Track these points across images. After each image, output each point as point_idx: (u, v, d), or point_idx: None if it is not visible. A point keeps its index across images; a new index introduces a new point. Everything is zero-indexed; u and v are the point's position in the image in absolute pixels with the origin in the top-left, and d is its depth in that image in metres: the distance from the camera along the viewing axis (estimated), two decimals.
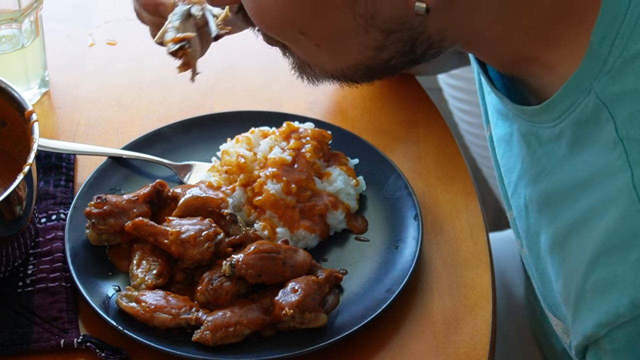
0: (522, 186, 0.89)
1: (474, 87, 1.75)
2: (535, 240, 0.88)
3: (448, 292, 1.05)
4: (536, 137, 0.84)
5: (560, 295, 0.84)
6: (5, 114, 1.07)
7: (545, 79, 0.83)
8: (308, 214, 1.09)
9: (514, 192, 0.92)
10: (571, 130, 0.80)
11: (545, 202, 0.85)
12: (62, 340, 0.98)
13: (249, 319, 0.97)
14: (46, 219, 1.10)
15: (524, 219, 0.90)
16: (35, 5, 1.21)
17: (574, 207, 0.80)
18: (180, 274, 1.03)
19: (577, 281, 0.79)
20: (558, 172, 0.82)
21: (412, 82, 1.31)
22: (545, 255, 0.86)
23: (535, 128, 0.84)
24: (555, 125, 0.81)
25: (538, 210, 0.86)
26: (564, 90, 0.79)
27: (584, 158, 0.79)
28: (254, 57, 1.32)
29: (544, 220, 0.85)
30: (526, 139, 0.86)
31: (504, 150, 0.93)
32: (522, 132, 0.87)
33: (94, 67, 1.34)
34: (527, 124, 0.85)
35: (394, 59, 0.82)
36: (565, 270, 0.82)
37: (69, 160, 1.18)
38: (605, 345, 0.78)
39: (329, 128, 1.17)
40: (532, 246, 0.89)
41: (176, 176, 1.16)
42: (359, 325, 0.98)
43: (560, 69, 0.80)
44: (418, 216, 1.09)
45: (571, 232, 0.80)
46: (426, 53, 0.83)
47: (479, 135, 1.84)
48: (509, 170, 0.92)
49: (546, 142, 0.83)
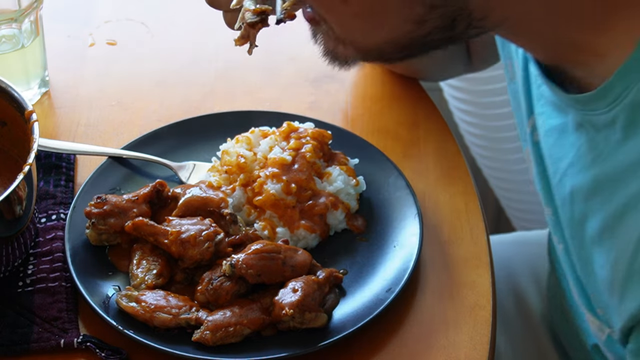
0: (572, 174, 0.88)
1: (474, 87, 1.75)
2: (580, 229, 0.87)
3: (448, 292, 1.05)
4: (592, 125, 0.84)
5: (605, 282, 0.84)
6: (5, 114, 1.07)
7: (595, 67, 0.81)
8: (308, 214, 1.09)
9: (560, 182, 0.91)
10: (625, 114, 0.79)
11: (597, 188, 0.84)
12: (62, 340, 0.98)
13: (249, 319, 0.97)
14: (46, 219, 1.10)
15: (569, 209, 0.89)
16: (35, 5, 1.21)
17: (626, 190, 0.79)
18: (180, 274, 1.03)
19: (627, 262, 0.79)
20: (612, 157, 0.81)
21: (412, 82, 1.31)
22: (591, 243, 0.85)
23: (589, 116, 0.83)
24: (609, 110, 0.80)
25: (586, 197, 0.85)
26: (619, 74, 0.78)
27: (638, 140, 0.78)
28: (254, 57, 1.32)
29: (594, 206, 0.84)
30: (581, 128, 0.85)
31: (554, 140, 0.92)
32: (577, 121, 0.86)
33: (94, 67, 1.34)
34: (581, 113, 0.84)
35: (432, 34, 0.80)
36: (615, 253, 0.81)
37: (69, 160, 1.18)
38: None
39: (329, 128, 1.17)
40: (575, 235, 0.88)
41: (176, 176, 1.16)
42: (359, 325, 0.98)
43: (611, 55, 0.79)
44: (418, 216, 1.09)
45: (623, 215, 0.80)
46: (466, 32, 0.81)
47: (479, 135, 1.84)
48: (557, 160, 0.91)
49: (602, 128, 0.82)
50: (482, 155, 1.89)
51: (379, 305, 1.00)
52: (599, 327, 0.89)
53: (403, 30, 0.80)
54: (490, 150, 1.85)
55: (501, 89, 1.73)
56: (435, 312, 1.03)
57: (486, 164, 1.90)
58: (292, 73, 1.34)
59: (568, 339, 1.20)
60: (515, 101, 1.04)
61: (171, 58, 1.36)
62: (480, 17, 0.80)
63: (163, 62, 1.36)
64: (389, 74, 1.31)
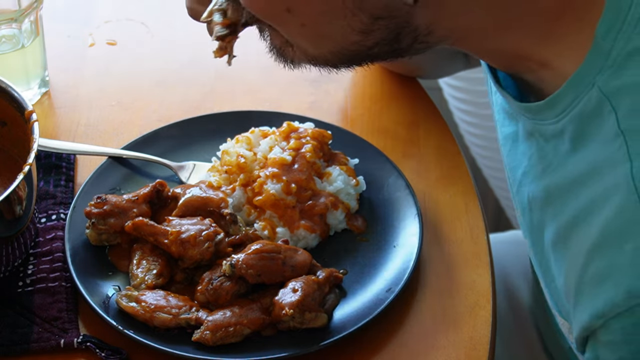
0: (526, 183, 0.89)
1: (474, 87, 1.75)
2: (539, 237, 0.88)
3: (448, 292, 1.05)
4: (541, 134, 0.85)
5: (562, 290, 0.84)
6: (5, 114, 1.07)
7: (544, 76, 0.83)
8: (308, 214, 1.09)
9: (518, 190, 0.92)
10: (573, 125, 0.80)
11: (549, 198, 0.85)
12: (62, 340, 0.98)
13: (249, 319, 0.97)
14: (46, 219, 1.10)
15: (528, 216, 0.90)
16: (35, 5, 1.21)
17: (576, 201, 0.80)
18: (180, 274, 1.03)
19: (577, 273, 0.79)
20: (561, 167, 0.82)
21: (412, 82, 1.31)
22: (548, 251, 0.86)
23: (538, 125, 0.84)
24: (557, 121, 0.81)
25: (541, 207, 0.86)
26: (568, 85, 0.79)
27: (586, 152, 0.79)
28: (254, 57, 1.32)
29: (547, 215, 0.85)
30: (532, 137, 0.86)
31: (509, 148, 0.93)
32: (527, 130, 0.87)
33: (94, 67, 1.34)
34: (531, 122, 0.85)
35: (378, 46, 0.82)
36: (568, 264, 0.82)
37: (69, 160, 1.18)
38: (602, 336, 0.78)
39: (329, 128, 1.17)
40: (536, 242, 0.89)
41: (176, 176, 1.16)
42: (358, 325, 0.98)
43: (561, 65, 0.80)
44: (418, 216, 1.09)
45: (574, 226, 0.81)
46: (412, 46, 0.82)
47: (479, 135, 1.84)
48: (513, 168, 0.92)
49: (550, 138, 0.83)
50: (482, 155, 1.89)
51: (379, 305, 1.00)
52: (568, 329, 0.89)
53: (349, 41, 0.82)
54: (490, 150, 1.85)
55: None
56: (435, 312, 1.03)
57: (486, 164, 1.90)
58: (292, 73, 1.32)
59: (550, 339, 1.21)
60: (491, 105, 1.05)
61: (171, 58, 1.36)
62: (425, 33, 0.81)
63: (163, 62, 1.36)
64: (388, 74, 1.31)
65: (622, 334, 0.76)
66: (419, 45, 0.83)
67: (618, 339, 0.77)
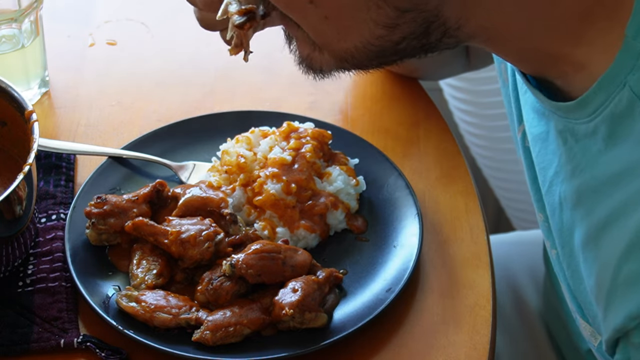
0: (558, 183, 0.88)
1: (474, 87, 1.76)
2: (569, 238, 0.87)
3: (448, 292, 1.05)
4: (572, 134, 0.84)
5: (592, 292, 0.84)
6: (5, 114, 1.07)
7: (574, 78, 0.82)
8: (308, 214, 1.09)
9: (549, 190, 0.91)
10: (606, 125, 0.79)
11: (580, 198, 0.84)
12: (62, 340, 0.98)
13: (249, 319, 0.97)
14: (46, 219, 1.10)
15: (558, 217, 0.89)
16: (35, 5, 1.21)
17: (609, 201, 0.79)
18: (180, 274, 1.03)
19: (610, 274, 0.79)
20: (593, 167, 0.82)
21: (412, 82, 1.31)
22: (578, 252, 0.86)
23: (571, 124, 0.83)
24: (590, 120, 0.80)
25: (573, 207, 0.86)
26: (599, 85, 0.78)
27: (619, 152, 0.79)
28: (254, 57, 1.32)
29: (578, 215, 0.85)
30: (562, 136, 0.85)
31: (539, 148, 0.92)
32: (559, 129, 0.86)
33: (94, 67, 1.34)
34: (563, 121, 0.84)
35: (406, 41, 0.80)
36: (599, 265, 0.82)
37: (69, 160, 1.18)
38: (634, 338, 0.78)
39: (329, 128, 1.17)
40: (565, 244, 0.89)
41: (176, 176, 1.16)
42: (359, 325, 0.98)
43: (591, 65, 0.79)
44: (418, 216, 1.09)
45: (606, 226, 0.80)
46: (442, 41, 0.80)
47: (479, 135, 1.84)
48: (544, 168, 0.91)
49: (582, 138, 0.82)
50: (482, 155, 1.89)
51: (379, 305, 1.00)
52: (591, 333, 0.89)
53: (374, 35, 0.80)
54: (490, 150, 1.85)
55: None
56: (435, 312, 1.03)
57: (486, 164, 1.90)
58: (292, 73, 1.32)
59: (564, 341, 1.21)
60: (508, 106, 1.04)
61: (171, 58, 1.36)
62: (455, 27, 0.80)
63: (163, 62, 1.36)
64: (388, 74, 1.31)
65: None
66: (448, 40, 0.81)
67: None
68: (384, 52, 0.82)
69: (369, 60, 0.83)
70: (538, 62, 0.84)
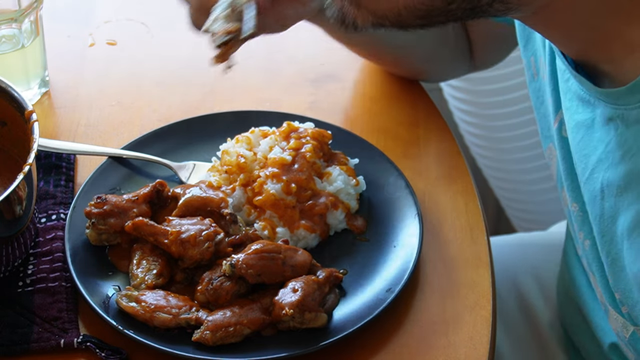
0: (601, 170, 0.87)
1: (474, 87, 1.76)
2: (610, 225, 0.86)
3: (448, 292, 1.05)
4: (622, 120, 0.82)
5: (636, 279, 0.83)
6: (5, 114, 1.07)
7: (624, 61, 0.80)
8: (308, 214, 1.09)
9: (589, 177, 0.89)
10: None
11: (628, 183, 0.83)
12: (62, 340, 0.98)
13: (249, 319, 0.97)
14: (46, 219, 1.10)
15: (599, 204, 0.88)
16: (35, 5, 1.21)
17: None
18: (180, 274, 1.03)
19: None
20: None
21: (412, 82, 1.31)
22: (622, 238, 0.85)
23: (620, 110, 0.82)
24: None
25: (618, 193, 0.84)
26: None
27: None
28: (254, 57, 1.32)
29: (625, 201, 0.83)
30: (612, 122, 0.84)
31: (582, 135, 0.90)
32: (607, 116, 0.84)
33: (94, 67, 1.34)
34: (611, 108, 0.83)
35: (456, 2, 0.77)
36: None
37: (69, 160, 1.18)
38: None
39: (329, 128, 1.17)
40: (606, 231, 0.88)
41: (176, 176, 1.16)
42: (358, 325, 0.98)
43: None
44: (418, 216, 1.09)
45: None
46: (492, 5, 0.78)
47: (479, 135, 1.84)
48: (586, 156, 0.90)
49: (633, 123, 0.81)
50: (482, 155, 1.89)
51: (379, 305, 1.00)
52: (623, 324, 0.88)
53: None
54: (490, 150, 1.85)
55: (501, 89, 1.73)
56: (435, 312, 1.03)
57: (486, 164, 1.90)
58: (292, 73, 1.34)
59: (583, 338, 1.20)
60: (537, 99, 1.03)
61: (171, 58, 1.36)
62: None
63: (163, 62, 1.36)
64: (388, 74, 1.31)
65: None
66: (498, 6, 0.78)
67: None
68: (432, 12, 0.79)
69: (414, 20, 0.80)
70: (587, 42, 0.82)
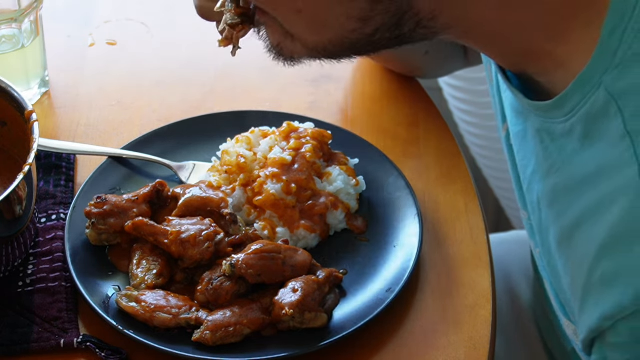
0: (536, 182, 0.89)
1: (474, 87, 1.76)
2: (546, 236, 0.87)
3: (448, 292, 1.05)
4: (549, 133, 0.84)
5: (569, 290, 0.84)
6: (5, 114, 1.07)
7: (555, 75, 0.82)
8: (308, 214, 1.09)
9: (529, 188, 0.91)
10: (582, 125, 0.79)
11: (554, 197, 0.84)
12: (62, 340, 0.98)
13: (249, 319, 0.97)
14: (46, 219, 1.10)
15: (537, 215, 0.90)
16: (35, 5, 1.21)
17: (582, 201, 0.80)
18: (180, 274, 1.03)
19: (584, 274, 0.79)
20: (568, 167, 0.82)
21: (412, 82, 1.31)
22: (554, 250, 0.86)
23: (547, 124, 0.83)
24: (566, 120, 0.81)
25: (548, 205, 0.86)
26: (575, 84, 0.78)
27: (593, 152, 0.79)
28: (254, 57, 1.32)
29: (553, 214, 0.85)
30: (539, 135, 0.85)
31: (519, 146, 0.92)
32: (536, 128, 0.86)
33: (94, 67, 1.34)
34: (540, 120, 0.85)
35: (379, 32, 0.80)
36: (573, 264, 0.82)
37: (69, 160, 1.18)
38: (610, 338, 0.78)
39: (329, 128, 1.17)
40: (544, 242, 0.89)
41: (176, 176, 1.16)
42: (359, 325, 0.98)
43: (570, 64, 0.79)
44: (418, 216, 1.09)
45: (579, 226, 0.80)
46: (415, 31, 0.80)
47: (479, 135, 1.84)
48: (524, 167, 0.92)
49: (558, 137, 0.83)
50: (482, 155, 1.89)
51: (379, 305, 1.00)
52: (574, 331, 0.89)
53: (348, 29, 0.80)
54: (490, 150, 1.85)
55: None
56: (435, 312, 1.03)
57: (486, 164, 1.90)
58: (292, 73, 1.32)
59: (552, 341, 1.21)
60: (494, 105, 1.04)
61: (171, 58, 1.36)
62: (429, 17, 0.79)
63: (163, 62, 1.36)
64: (388, 74, 1.31)
65: (630, 335, 0.76)
66: (422, 31, 0.80)
67: (626, 340, 0.77)
68: (357, 44, 0.82)
69: (342, 52, 0.83)
70: (518, 57, 0.84)
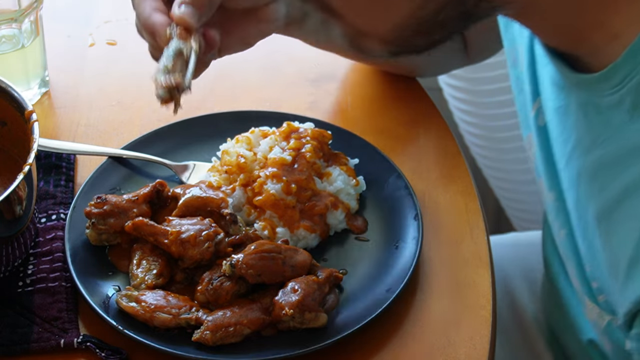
0: (576, 157, 0.87)
1: (474, 87, 1.76)
2: (584, 212, 0.87)
3: (448, 292, 1.05)
4: (594, 106, 0.83)
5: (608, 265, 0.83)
6: (5, 114, 1.07)
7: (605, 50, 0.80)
8: (308, 214, 1.09)
9: (567, 164, 0.90)
10: (632, 96, 0.78)
11: (597, 171, 0.83)
12: (62, 340, 0.98)
13: (249, 319, 0.97)
14: (46, 219, 1.10)
15: (575, 190, 0.89)
16: (35, 5, 1.21)
17: (628, 173, 0.79)
18: (180, 274, 1.03)
19: (631, 247, 0.78)
20: (615, 139, 0.81)
21: (412, 82, 1.31)
22: (594, 224, 0.85)
23: (593, 97, 0.82)
24: (615, 92, 0.79)
25: (589, 180, 0.85)
26: (626, 55, 0.77)
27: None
28: (254, 57, 1.32)
29: (595, 188, 0.84)
30: (583, 109, 0.84)
31: (558, 122, 0.91)
32: (580, 102, 0.85)
33: (94, 67, 1.34)
34: (584, 94, 0.83)
35: (444, 11, 0.79)
36: (617, 237, 0.81)
37: (69, 160, 1.18)
38: None
39: (329, 128, 1.17)
40: (582, 217, 0.88)
41: (176, 176, 1.16)
42: (359, 325, 0.98)
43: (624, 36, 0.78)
44: (418, 216, 1.09)
45: (625, 198, 0.79)
46: (478, 6, 0.79)
47: (479, 135, 1.84)
48: (563, 142, 0.91)
49: (604, 110, 0.81)
50: (482, 155, 1.89)
51: (379, 305, 1.00)
52: (598, 314, 0.88)
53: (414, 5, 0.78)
54: (490, 150, 1.85)
55: (501, 89, 1.73)
56: (435, 312, 1.03)
57: (486, 164, 1.90)
58: (292, 73, 1.34)
59: (565, 336, 1.20)
60: (517, 86, 1.03)
61: None
62: None
63: None
64: (388, 74, 1.31)
65: None
66: (484, 5, 0.79)
67: None
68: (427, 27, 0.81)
69: (414, 38, 0.82)
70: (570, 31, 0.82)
